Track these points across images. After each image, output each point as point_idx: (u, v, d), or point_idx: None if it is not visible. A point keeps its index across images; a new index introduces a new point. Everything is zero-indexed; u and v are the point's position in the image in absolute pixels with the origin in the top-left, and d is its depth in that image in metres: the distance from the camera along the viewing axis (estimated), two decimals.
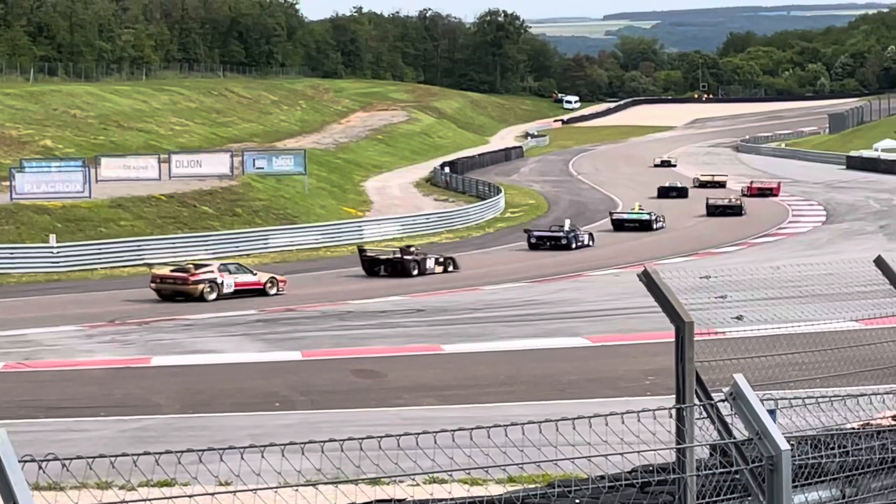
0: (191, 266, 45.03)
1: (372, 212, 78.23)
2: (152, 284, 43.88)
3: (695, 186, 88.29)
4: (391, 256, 50.49)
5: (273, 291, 44.27)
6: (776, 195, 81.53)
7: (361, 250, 51.59)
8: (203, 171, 72.15)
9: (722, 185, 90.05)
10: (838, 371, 11.13)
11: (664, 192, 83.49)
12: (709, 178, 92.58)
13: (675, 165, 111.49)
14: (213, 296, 43.13)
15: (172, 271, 44.77)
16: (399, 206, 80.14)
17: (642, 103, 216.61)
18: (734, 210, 71.89)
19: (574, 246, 57.83)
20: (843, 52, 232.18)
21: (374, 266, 49.93)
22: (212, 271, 44.01)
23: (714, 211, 71.81)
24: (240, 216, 67.08)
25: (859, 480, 7.79)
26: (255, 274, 45.14)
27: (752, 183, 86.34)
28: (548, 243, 58.01)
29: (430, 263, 50.16)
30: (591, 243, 58.97)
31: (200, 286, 43.10)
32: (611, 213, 68.51)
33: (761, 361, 10.33)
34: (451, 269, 50.61)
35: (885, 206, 74.30)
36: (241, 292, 43.53)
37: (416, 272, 49.17)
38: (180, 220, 64.09)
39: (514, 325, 32.78)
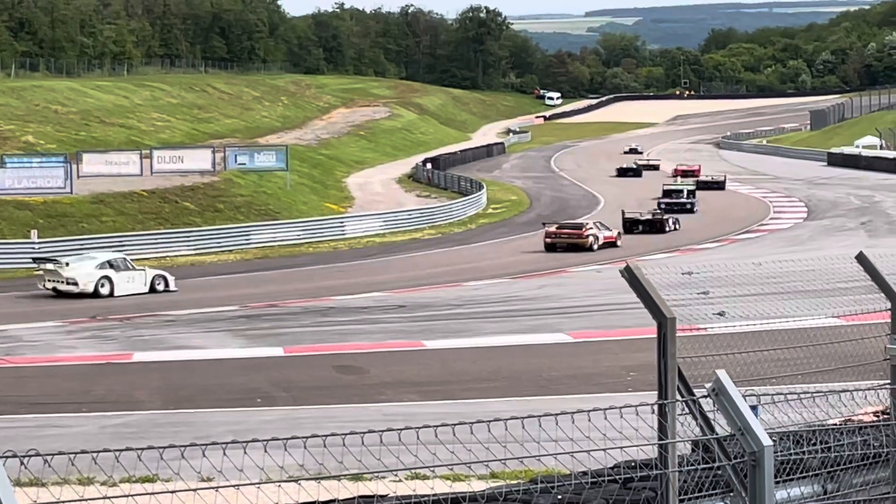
0: (583, 223, 56.42)
1: (354, 208, 78.13)
2: (547, 240, 54.13)
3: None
4: (649, 217, 61.49)
5: (619, 243, 54.73)
6: (697, 175, 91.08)
7: (624, 213, 61.68)
8: (185, 167, 71.89)
9: (656, 167, 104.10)
10: (820, 367, 11.16)
11: (622, 172, 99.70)
12: (645, 162, 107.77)
13: (641, 152, 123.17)
14: (596, 247, 53.43)
15: (560, 228, 55.02)
16: (381, 203, 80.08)
17: (624, 100, 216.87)
18: (718, 185, 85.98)
19: (695, 210, 70.29)
20: (824, 48, 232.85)
21: (633, 225, 60.38)
22: (591, 227, 54.76)
23: (702, 186, 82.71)
24: (221, 212, 66.93)
25: (841, 476, 7.81)
26: (611, 230, 55.73)
27: (678, 166, 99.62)
28: (675, 208, 68.95)
29: (670, 223, 61.62)
30: (696, 209, 71.13)
31: (590, 239, 53.66)
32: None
33: (743, 357, 10.35)
34: (677, 227, 61.63)
35: (866, 202, 74.41)
36: (605, 245, 53.92)
37: (668, 229, 60.39)
38: (162, 215, 63.94)
39: (495, 321, 32.75)
